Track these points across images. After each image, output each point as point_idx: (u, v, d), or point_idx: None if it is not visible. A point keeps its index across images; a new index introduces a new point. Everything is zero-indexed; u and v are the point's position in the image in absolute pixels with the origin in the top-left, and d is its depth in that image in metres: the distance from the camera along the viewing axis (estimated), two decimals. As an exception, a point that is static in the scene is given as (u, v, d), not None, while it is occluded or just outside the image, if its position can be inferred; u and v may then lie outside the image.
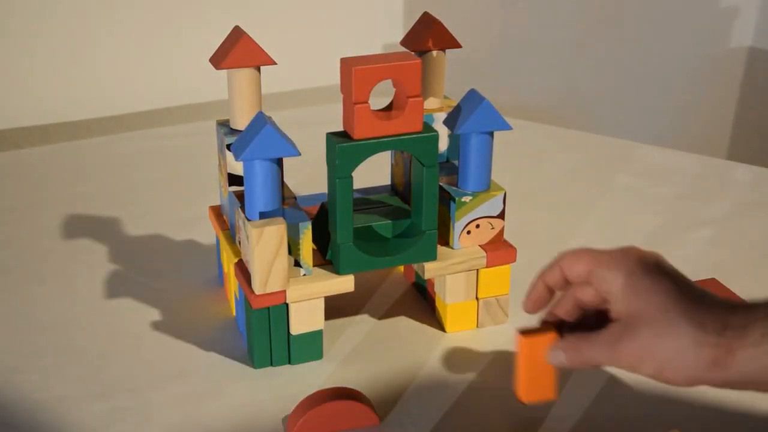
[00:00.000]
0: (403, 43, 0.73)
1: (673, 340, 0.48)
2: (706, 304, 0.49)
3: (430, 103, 0.74)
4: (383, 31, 1.46)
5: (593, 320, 0.54)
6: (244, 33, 0.67)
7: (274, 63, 0.67)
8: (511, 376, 0.66)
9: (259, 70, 0.68)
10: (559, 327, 0.56)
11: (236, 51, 0.66)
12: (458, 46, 0.73)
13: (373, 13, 1.46)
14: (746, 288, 0.75)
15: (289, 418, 0.60)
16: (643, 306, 0.50)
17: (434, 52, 0.72)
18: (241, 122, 0.69)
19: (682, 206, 0.95)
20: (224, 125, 0.71)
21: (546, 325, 0.57)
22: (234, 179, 0.70)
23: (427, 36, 0.72)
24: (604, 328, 0.52)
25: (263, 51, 0.66)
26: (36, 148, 1.16)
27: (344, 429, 0.60)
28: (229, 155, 0.68)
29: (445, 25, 0.73)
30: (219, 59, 0.67)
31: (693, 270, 0.81)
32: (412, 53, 0.65)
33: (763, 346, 0.45)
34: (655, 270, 0.51)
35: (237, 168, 0.69)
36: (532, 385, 0.56)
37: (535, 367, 0.55)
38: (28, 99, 1.29)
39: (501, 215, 0.70)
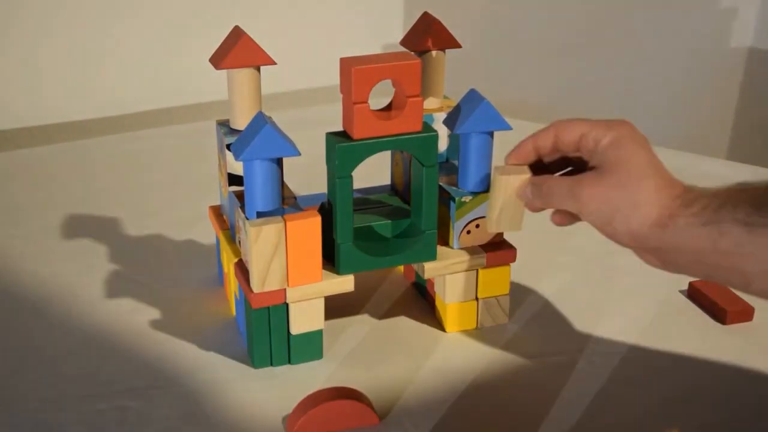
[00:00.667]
0: (403, 43, 0.73)
1: (631, 193, 0.53)
2: (672, 178, 0.54)
3: (430, 103, 0.74)
4: (383, 31, 1.46)
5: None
6: (244, 33, 0.67)
7: (274, 63, 0.67)
8: (511, 377, 0.66)
9: (259, 70, 0.68)
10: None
11: (236, 51, 0.66)
12: (458, 45, 0.73)
13: (373, 13, 1.46)
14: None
15: (289, 417, 0.60)
16: (619, 158, 0.54)
17: (434, 52, 0.72)
18: (241, 122, 0.69)
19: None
20: (224, 125, 0.71)
21: (522, 167, 0.61)
22: (234, 179, 0.70)
23: (427, 36, 0.72)
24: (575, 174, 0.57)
25: (263, 51, 0.66)
26: (37, 148, 1.16)
27: (344, 429, 0.60)
28: (229, 155, 0.68)
29: (445, 25, 0.73)
30: (219, 59, 0.67)
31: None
32: (412, 53, 0.65)
33: (699, 217, 0.50)
34: (641, 140, 0.55)
35: (237, 168, 0.69)
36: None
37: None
38: (28, 99, 1.29)
39: (501, 215, 0.70)
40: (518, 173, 0.60)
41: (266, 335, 0.66)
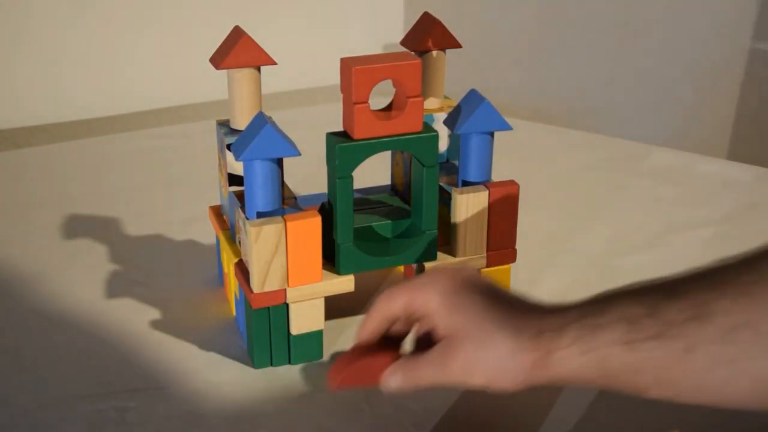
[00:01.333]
0: (404, 43, 0.73)
1: (493, 351, 0.49)
2: (521, 312, 0.50)
3: (431, 103, 0.74)
4: (383, 31, 1.46)
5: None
6: (245, 33, 0.67)
7: (275, 63, 0.67)
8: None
9: (259, 70, 0.68)
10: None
11: (236, 51, 0.66)
12: (458, 46, 0.73)
13: (374, 13, 1.46)
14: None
15: (331, 370, 0.57)
16: (460, 322, 0.51)
17: (434, 52, 0.72)
18: (241, 122, 0.69)
19: (682, 206, 0.95)
20: (224, 125, 0.71)
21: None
22: (234, 179, 0.70)
23: (428, 36, 0.72)
24: (429, 350, 0.53)
25: (263, 51, 0.66)
26: (35, 147, 1.17)
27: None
28: (230, 155, 0.68)
29: (445, 24, 0.73)
30: (219, 59, 0.66)
31: (693, 270, 0.82)
32: (412, 53, 0.65)
33: (575, 346, 0.46)
34: (467, 286, 0.53)
35: (237, 168, 0.69)
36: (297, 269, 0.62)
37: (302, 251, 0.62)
38: (27, 99, 1.29)
39: (501, 215, 0.70)
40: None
41: (266, 335, 0.66)
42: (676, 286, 0.45)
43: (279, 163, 0.63)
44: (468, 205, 0.67)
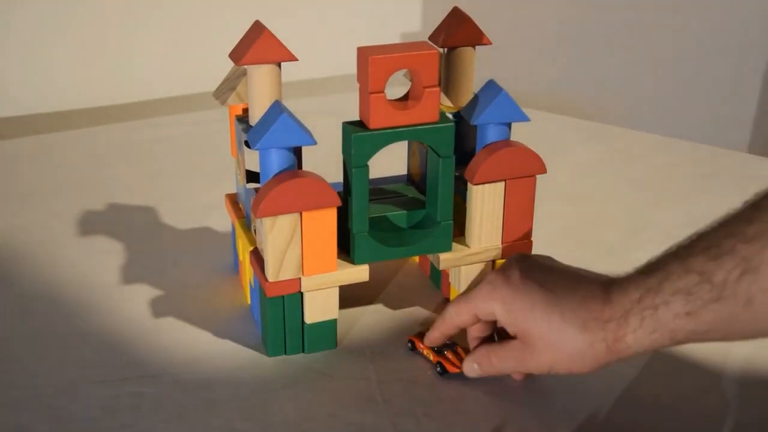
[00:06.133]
0: (432, 38, 0.72)
1: (568, 346, 0.54)
2: (582, 300, 0.54)
3: (460, 101, 0.73)
4: (401, 20, 1.46)
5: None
6: (265, 28, 0.65)
7: (296, 59, 0.65)
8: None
9: (279, 66, 0.66)
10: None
11: (257, 47, 0.64)
12: (488, 42, 0.71)
13: (391, 2, 1.46)
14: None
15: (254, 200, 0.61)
16: (528, 326, 0.56)
17: (463, 49, 0.71)
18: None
19: (700, 200, 0.95)
20: (243, 121, 0.70)
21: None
22: (253, 176, 0.69)
23: (457, 32, 0.71)
24: (507, 342, 0.59)
25: (285, 47, 0.64)
26: (54, 133, 1.17)
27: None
28: (248, 152, 0.67)
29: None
30: (239, 55, 0.65)
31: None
32: (430, 43, 0.64)
33: (642, 329, 0.51)
34: (522, 286, 0.57)
35: (257, 165, 0.68)
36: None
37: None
38: (47, 85, 1.30)
39: (517, 207, 0.70)
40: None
41: (281, 324, 0.66)
42: (716, 244, 0.48)
43: (296, 152, 0.63)
44: (484, 196, 0.67)
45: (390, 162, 0.74)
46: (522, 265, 0.58)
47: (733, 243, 0.47)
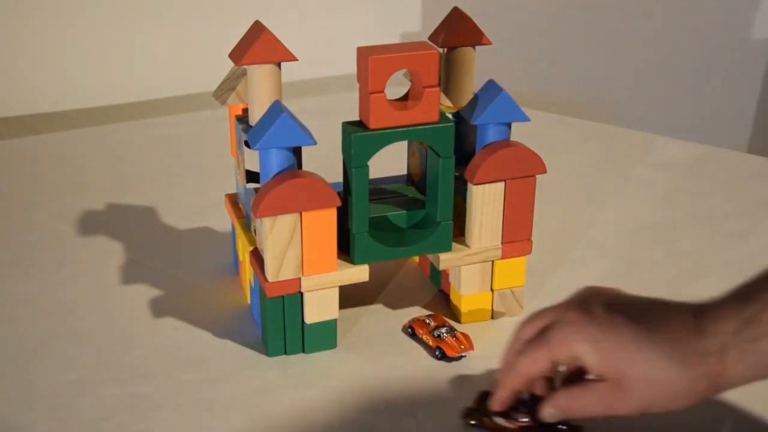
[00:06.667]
0: (432, 38, 0.72)
1: (667, 386, 0.50)
2: (676, 334, 0.50)
3: (460, 101, 0.73)
4: (401, 20, 1.46)
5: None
6: (265, 28, 0.65)
7: (296, 59, 0.65)
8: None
9: (279, 66, 0.66)
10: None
11: (257, 47, 0.64)
12: (488, 42, 0.71)
13: (391, 2, 1.46)
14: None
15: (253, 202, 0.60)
16: (621, 366, 0.51)
17: (463, 49, 0.71)
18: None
19: (700, 199, 0.95)
20: (242, 121, 0.70)
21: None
22: (253, 176, 0.69)
23: (457, 32, 0.71)
24: (592, 384, 0.53)
25: (284, 47, 0.64)
26: (55, 133, 1.17)
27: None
28: (248, 152, 0.67)
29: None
30: (239, 55, 0.65)
31: (710, 264, 0.81)
32: (429, 43, 0.64)
33: (741, 364, 0.48)
34: (609, 323, 0.51)
35: (257, 165, 0.68)
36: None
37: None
38: (48, 84, 1.30)
39: (517, 207, 0.70)
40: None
41: (280, 324, 0.66)
42: None
43: (295, 152, 0.63)
44: (484, 196, 0.67)
45: (390, 162, 0.74)
46: (602, 299, 0.53)
47: None
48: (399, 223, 0.69)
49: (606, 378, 0.52)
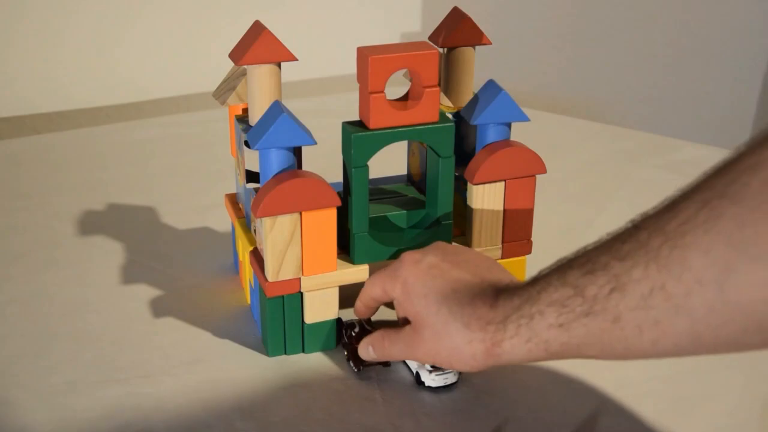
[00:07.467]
0: (432, 38, 0.72)
1: (449, 340, 0.54)
2: (473, 300, 0.54)
3: (460, 101, 0.73)
4: (401, 20, 1.46)
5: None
6: (265, 28, 0.65)
7: (296, 59, 0.65)
8: (525, 369, 0.66)
9: (279, 66, 0.66)
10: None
11: (257, 47, 0.64)
12: (488, 42, 0.71)
13: (391, 2, 1.46)
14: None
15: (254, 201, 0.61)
16: (419, 310, 0.57)
17: (463, 49, 0.71)
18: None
19: (700, 200, 0.95)
20: (242, 121, 0.70)
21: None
22: (253, 176, 0.69)
23: (457, 32, 0.71)
24: (400, 328, 0.59)
25: (284, 47, 0.64)
26: (54, 133, 1.17)
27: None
28: (248, 152, 0.67)
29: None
30: (239, 55, 0.65)
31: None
32: (429, 43, 0.64)
33: (518, 336, 0.51)
34: (426, 274, 0.57)
35: (257, 165, 0.68)
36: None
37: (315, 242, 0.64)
38: (46, 85, 1.30)
39: (517, 207, 0.70)
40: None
41: (280, 324, 0.66)
42: (593, 260, 0.48)
43: (295, 152, 0.63)
44: (484, 196, 0.67)
45: (390, 162, 0.74)
46: (438, 252, 0.59)
47: (608, 259, 0.46)
48: (399, 223, 0.69)
49: (408, 318, 0.58)
